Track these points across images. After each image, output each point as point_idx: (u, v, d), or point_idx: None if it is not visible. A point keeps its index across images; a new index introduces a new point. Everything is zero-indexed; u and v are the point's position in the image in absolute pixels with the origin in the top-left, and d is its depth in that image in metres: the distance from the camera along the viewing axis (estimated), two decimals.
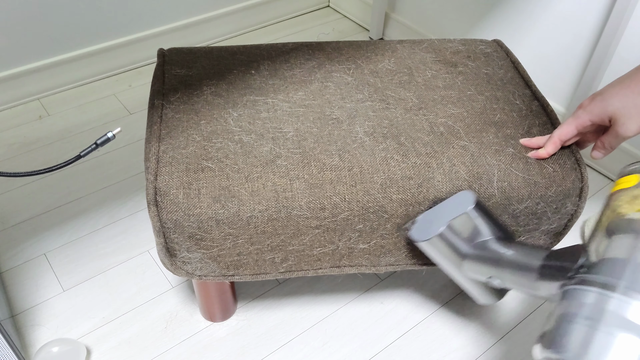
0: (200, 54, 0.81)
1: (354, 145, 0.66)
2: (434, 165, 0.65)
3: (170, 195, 0.61)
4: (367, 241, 0.67)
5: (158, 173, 0.62)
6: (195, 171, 0.62)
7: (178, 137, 0.66)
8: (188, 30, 1.44)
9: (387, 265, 0.72)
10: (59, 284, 0.90)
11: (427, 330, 0.86)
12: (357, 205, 0.63)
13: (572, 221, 0.70)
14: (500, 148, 0.67)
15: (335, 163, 0.64)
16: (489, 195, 0.65)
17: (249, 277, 0.70)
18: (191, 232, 0.62)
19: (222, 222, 0.62)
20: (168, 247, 0.65)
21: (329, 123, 0.69)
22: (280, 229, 0.64)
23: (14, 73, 1.23)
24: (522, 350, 0.83)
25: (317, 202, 0.62)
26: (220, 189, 0.61)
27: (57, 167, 0.70)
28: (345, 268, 0.71)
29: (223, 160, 0.63)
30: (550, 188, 0.66)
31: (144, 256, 0.95)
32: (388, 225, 0.66)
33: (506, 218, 0.68)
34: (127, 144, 1.17)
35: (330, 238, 0.66)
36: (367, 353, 0.82)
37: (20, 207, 1.03)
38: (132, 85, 1.34)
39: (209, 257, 0.66)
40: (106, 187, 1.07)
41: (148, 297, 0.89)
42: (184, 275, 0.69)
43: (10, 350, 0.70)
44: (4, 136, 1.19)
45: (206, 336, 0.84)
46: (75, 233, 0.99)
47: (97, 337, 0.83)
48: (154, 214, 0.61)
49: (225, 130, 0.67)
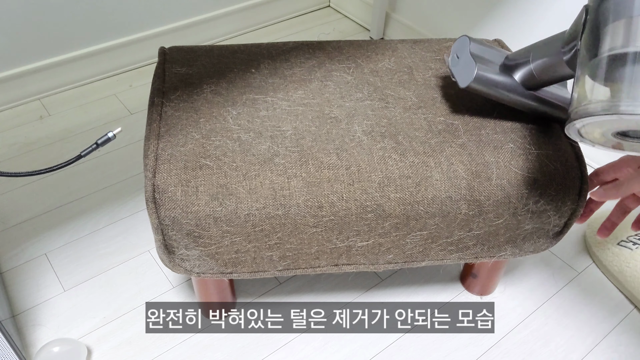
0: (200, 53, 0.81)
1: (352, 144, 0.66)
2: (432, 164, 0.64)
3: (168, 192, 0.61)
4: (366, 239, 0.67)
5: (156, 170, 0.62)
6: (193, 169, 0.62)
7: (177, 135, 0.66)
8: (188, 30, 1.44)
9: (386, 264, 0.72)
10: (59, 284, 0.90)
11: (427, 330, 0.85)
12: (354, 204, 0.63)
13: (572, 220, 0.70)
14: (499, 144, 0.67)
15: (333, 162, 0.64)
16: (488, 194, 0.65)
17: (247, 275, 0.70)
18: (189, 230, 0.62)
19: (220, 220, 0.62)
20: (166, 245, 0.65)
21: (328, 122, 0.69)
22: (277, 227, 0.64)
23: (15, 73, 1.23)
24: (523, 350, 0.83)
25: (314, 200, 0.62)
26: (218, 186, 0.62)
27: (57, 167, 0.70)
28: (343, 266, 0.71)
29: (221, 158, 0.63)
30: (551, 186, 0.65)
31: (145, 256, 0.95)
32: (386, 224, 0.65)
33: (506, 217, 0.67)
34: (127, 144, 1.17)
35: (328, 236, 0.66)
36: (368, 353, 0.82)
37: (21, 207, 1.03)
38: (132, 85, 1.34)
39: (207, 255, 0.66)
40: (107, 187, 1.07)
41: (149, 297, 0.89)
42: (182, 272, 0.69)
43: (11, 350, 0.70)
44: (5, 136, 1.19)
45: (207, 336, 0.84)
46: (76, 233, 0.99)
47: (98, 337, 0.83)
48: (152, 211, 0.61)
49: (224, 129, 0.67)
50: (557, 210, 0.68)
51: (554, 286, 0.92)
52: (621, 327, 0.87)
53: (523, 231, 0.70)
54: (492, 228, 0.68)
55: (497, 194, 0.65)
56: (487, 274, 0.87)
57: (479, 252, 0.72)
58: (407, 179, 0.64)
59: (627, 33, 0.45)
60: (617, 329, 0.86)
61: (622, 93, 0.44)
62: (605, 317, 0.88)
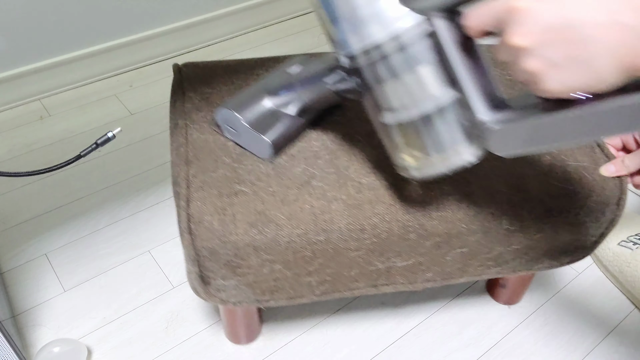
0: (217, 69, 0.78)
1: (388, 162, 0.62)
2: (472, 180, 0.62)
3: (204, 222, 0.58)
4: (406, 259, 0.64)
5: (190, 199, 0.59)
6: (228, 195, 0.59)
7: (206, 159, 0.63)
8: (188, 31, 1.44)
9: (425, 282, 0.69)
10: (59, 284, 0.90)
11: (427, 330, 0.86)
12: (397, 224, 0.61)
13: (609, 229, 0.68)
14: (536, 157, 0.64)
15: (372, 182, 0.62)
16: (529, 208, 0.62)
17: (284, 302, 0.67)
18: (227, 260, 0.59)
19: (260, 249, 0.59)
20: (202, 276, 0.62)
21: (359, 139, 0.66)
22: (319, 252, 0.61)
23: (15, 73, 1.23)
24: (523, 350, 0.83)
25: (356, 223, 0.60)
26: (256, 213, 0.58)
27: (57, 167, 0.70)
28: (382, 287, 0.68)
29: (256, 183, 0.60)
30: (590, 197, 0.63)
31: (145, 256, 0.95)
32: (427, 243, 0.63)
33: (546, 231, 0.65)
34: (128, 144, 1.17)
35: (369, 259, 0.63)
36: (368, 353, 0.82)
37: (21, 208, 1.03)
38: (133, 86, 1.34)
39: (245, 284, 0.63)
40: (107, 188, 1.07)
41: (149, 297, 0.89)
42: (217, 303, 0.66)
43: (11, 351, 0.70)
44: (5, 136, 1.19)
45: (207, 336, 0.84)
46: (76, 233, 0.99)
47: (98, 337, 0.83)
48: (188, 242, 0.58)
49: None
50: (596, 221, 0.66)
51: (554, 286, 0.93)
52: (621, 328, 0.87)
53: (561, 243, 0.68)
54: (532, 242, 0.66)
55: (538, 208, 0.63)
56: (517, 284, 0.85)
57: (517, 266, 0.70)
58: (448, 196, 0.61)
59: (407, 94, 0.47)
60: (618, 329, 0.86)
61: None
62: (606, 318, 0.88)
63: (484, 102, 0.45)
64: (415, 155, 0.51)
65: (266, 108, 0.65)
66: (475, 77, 0.45)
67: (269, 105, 0.65)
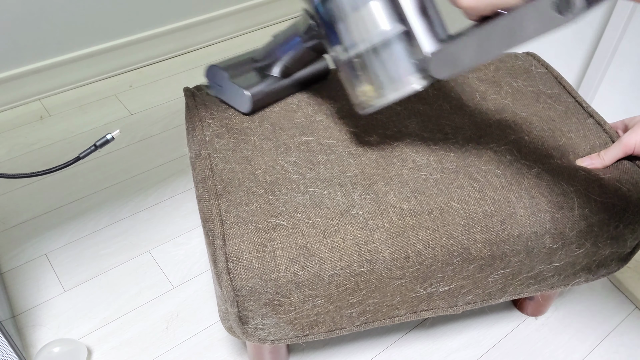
0: None
1: (426, 184, 0.61)
2: (513, 199, 0.60)
3: (243, 260, 0.55)
4: (449, 284, 0.63)
5: (226, 237, 0.56)
6: (266, 230, 0.56)
7: (237, 191, 0.60)
8: (188, 31, 1.44)
9: (465, 305, 0.67)
10: (60, 285, 0.91)
11: (427, 331, 0.86)
12: (441, 250, 0.59)
13: None
14: (573, 172, 0.63)
15: (414, 207, 0.59)
16: (572, 225, 0.61)
17: (323, 335, 0.65)
18: (268, 299, 0.57)
19: (303, 284, 0.56)
20: (241, 316, 0.59)
21: (394, 161, 0.64)
22: (362, 283, 0.58)
23: (15, 74, 1.23)
24: (523, 350, 0.83)
25: (400, 251, 0.58)
26: (297, 248, 0.56)
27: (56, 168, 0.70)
28: (422, 313, 0.67)
29: (294, 215, 0.57)
30: (628, 209, 0.63)
31: (145, 256, 0.95)
32: (471, 267, 0.61)
33: (588, 246, 0.64)
34: (128, 145, 1.17)
35: (412, 286, 0.61)
36: (368, 353, 0.82)
37: (21, 208, 1.03)
38: (132, 86, 1.34)
39: (285, 322, 0.61)
40: (107, 188, 1.07)
41: (149, 297, 0.89)
42: (255, 342, 0.64)
43: (11, 351, 0.70)
44: (5, 137, 1.19)
45: (207, 336, 0.84)
46: (76, 233, 0.99)
47: (98, 338, 0.83)
48: (227, 283, 0.55)
49: (287, 180, 0.61)
50: (633, 232, 0.65)
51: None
52: (622, 328, 0.87)
53: (600, 257, 0.67)
54: (572, 258, 0.65)
55: (581, 224, 0.61)
56: (545, 296, 0.84)
57: (555, 282, 0.69)
58: (491, 218, 0.60)
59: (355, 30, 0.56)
60: (618, 329, 0.86)
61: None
62: (606, 318, 0.88)
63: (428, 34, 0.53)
64: (369, 88, 0.58)
65: (251, 68, 0.72)
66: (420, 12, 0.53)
67: (253, 66, 0.73)
